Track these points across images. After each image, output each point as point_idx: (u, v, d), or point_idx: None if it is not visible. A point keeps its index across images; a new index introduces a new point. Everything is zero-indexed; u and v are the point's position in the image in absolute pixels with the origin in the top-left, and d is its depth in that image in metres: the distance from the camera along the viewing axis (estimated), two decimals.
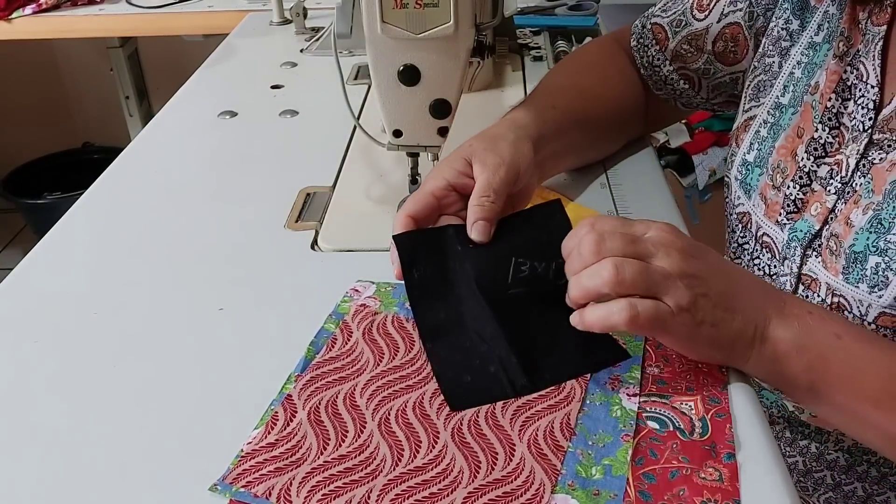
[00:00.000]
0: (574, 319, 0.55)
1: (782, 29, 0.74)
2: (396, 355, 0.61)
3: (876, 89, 0.63)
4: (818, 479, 0.72)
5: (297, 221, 0.80)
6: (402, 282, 0.66)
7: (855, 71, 0.65)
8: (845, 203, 0.64)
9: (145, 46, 2.23)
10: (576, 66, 0.89)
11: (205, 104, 1.09)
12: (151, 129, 1.05)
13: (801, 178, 0.68)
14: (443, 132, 0.74)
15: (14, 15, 1.65)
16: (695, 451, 0.51)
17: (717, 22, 0.80)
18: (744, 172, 0.75)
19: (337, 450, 0.52)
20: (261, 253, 0.76)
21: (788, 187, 0.69)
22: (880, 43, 0.63)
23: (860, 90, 0.64)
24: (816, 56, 0.70)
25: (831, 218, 0.65)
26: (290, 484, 0.50)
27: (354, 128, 0.97)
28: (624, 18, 0.98)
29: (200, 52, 1.38)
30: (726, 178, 0.79)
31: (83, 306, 0.69)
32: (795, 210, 0.68)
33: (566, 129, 0.77)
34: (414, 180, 0.80)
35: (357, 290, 0.68)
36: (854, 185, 0.64)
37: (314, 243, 0.77)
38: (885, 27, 0.64)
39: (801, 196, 0.68)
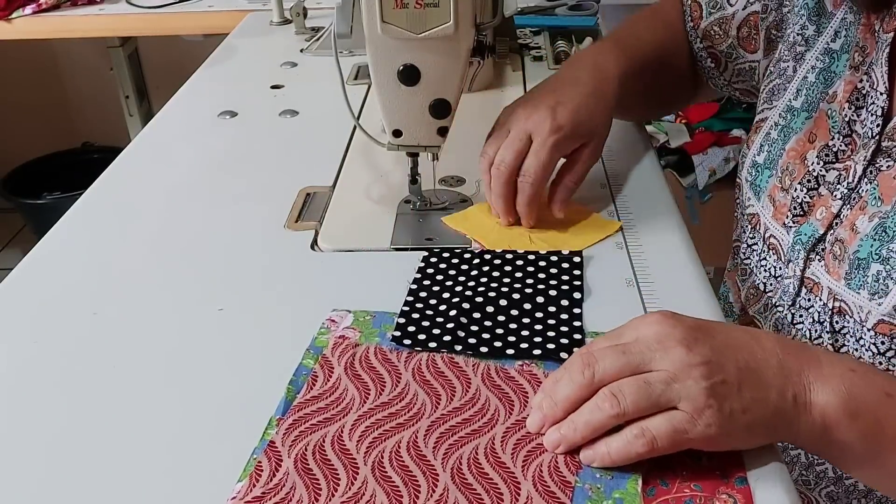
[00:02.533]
0: (587, 456, 0.50)
1: (798, 34, 0.75)
2: (383, 391, 0.57)
3: (884, 96, 0.63)
4: (820, 472, 0.72)
5: (297, 221, 0.80)
6: (382, 310, 0.65)
7: (868, 78, 0.65)
8: (851, 209, 0.64)
9: (145, 46, 2.23)
10: (654, 21, 0.91)
11: (205, 104, 1.09)
12: (151, 129, 1.05)
13: (808, 181, 0.68)
14: (443, 132, 0.74)
15: (14, 15, 1.65)
16: (705, 477, 0.49)
17: (743, 9, 0.82)
18: (753, 174, 0.75)
19: (330, 500, 0.48)
20: (261, 253, 0.76)
21: (796, 190, 0.69)
22: (887, 49, 0.63)
23: (871, 97, 0.64)
24: (834, 64, 0.70)
25: (836, 223, 0.65)
26: None
27: (354, 128, 0.97)
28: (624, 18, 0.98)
29: (200, 52, 1.38)
30: (738, 180, 0.80)
31: (83, 306, 0.69)
32: (801, 213, 0.68)
33: (644, 80, 0.83)
34: (414, 180, 0.80)
35: (333, 321, 0.64)
36: (860, 191, 0.64)
37: (314, 243, 0.77)
38: (892, 34, 0.63)
39: (807, 200, 0.68)
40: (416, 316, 0.64)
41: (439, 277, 0.69)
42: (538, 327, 0.62)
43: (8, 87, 2.53)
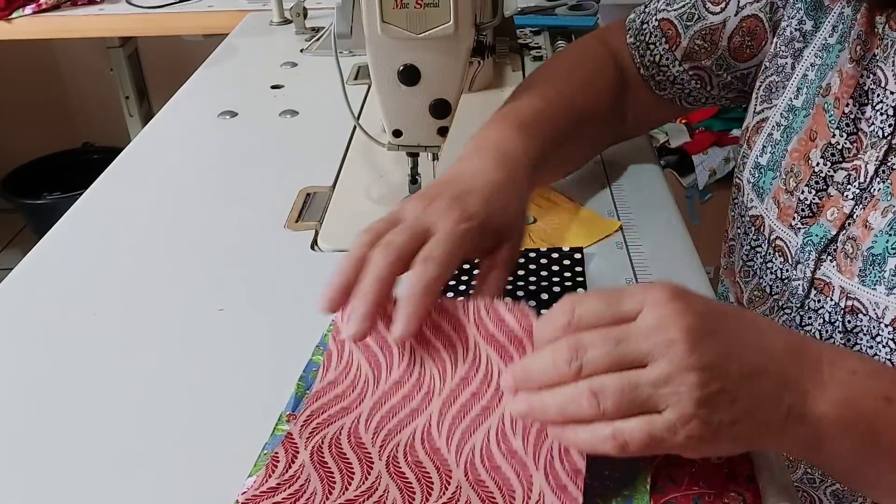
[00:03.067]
0: (554, 433, 0.47)
1: (795, 29, 0.73)
2: (392, 366, 0.55)
3: (895, 95, 0.63)
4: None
5: (297, 221, 0.80)
6: None
7: (872, 75, 0.64)
8: (864, 208, 0.63)
9: (145, 46, 2.23)
10: (567, 75, 0.83)
11: (205, 104, 1.09)
12: (151, 129, 1.05)
13: (816, 182, 0.67)
14: (443, 132, 0.74)
15: (14, 15, 1.65)
16: (714, 474, 0.49)
17: (735, 15, 0.78)
18: (756, 175, 0.74)
19: (343, 494, 0.48)
20: (261, 253, 0.76)
21: (803, 192, 0.68)
22: None
23: (878, 95, 0.64)
24: (829, 57, 0.69)
25: (848, 223, 0.64)
26: None
27: (354, 128, 0.97)
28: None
29: (200, 52, 1.38)
30: (737, 181, 0.79)
31: (83, 306, 0.69)
32: (811, 214, 0.68)
33: (559, 149, 0.74)
34: (414, 180, 0.80)
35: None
36: (873, 190, 0.63)
37: (314, 243, 0.77)
38: None
39: (816, 200, 0.67)
40: None
41: None
42: None
43: (8, 87, 2.53)
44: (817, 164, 0.67)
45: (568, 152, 0.78)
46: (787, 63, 0.74)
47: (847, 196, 0.65)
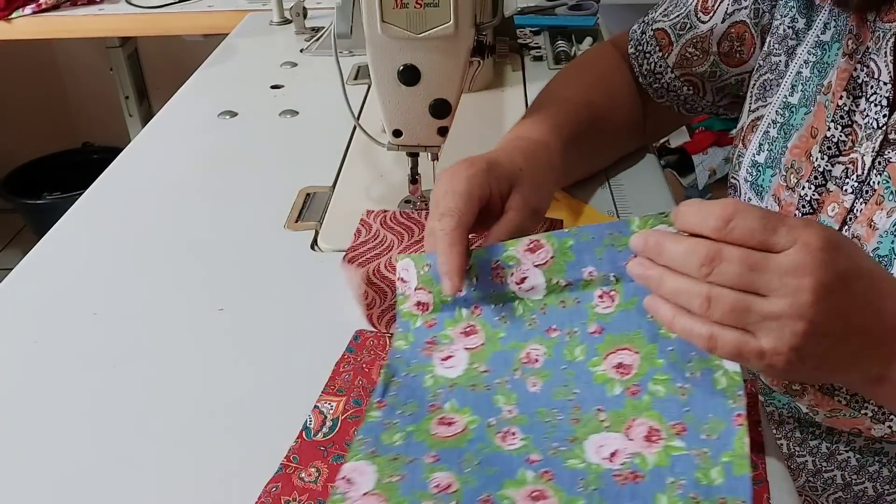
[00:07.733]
0: (651, 302, 0.50)
1: (788, 27, 0.74)
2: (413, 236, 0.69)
3: (889, 86, 0.63)
4: (828, 479, 0.72)
5: (297, 221, 0.80)
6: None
7: (865, 68, 0.65)
8: (865, 203, 0.63)
9: (145, 46, 2.23)
10: (583, 76, 0.87)
11: (205, 104, 1.10)
12: (151, 129, 1.05)
13: (815, 178, 0.67)
14: (443, 132, 0.74)
15: (14, 15, 1.65)
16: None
17: (722, 22, 0.80)
18: (754, 174, 0.74)
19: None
20: (261, 253, 0.76)
21: (803, 188, 0.68)
22: (892, 39, 0.63)
23: (872, 87, 0.64)
24: (826, 55, 0.70)
25: (850, 218, 0.64)
26: None
27: (354, 128, 0.97)
28: (624, 18, 0.98)
29: (200, 52, 1.38)
30: (732, 180, 0.79)
31: (83, 306, 0.69)
32: (811, 211, 0.68)
33: (579, 145, 0.77)
34: (414, 180, 0.80)
35: (403, 280, 0.62)
36: (872, 183, 0.63)
37: (314, 243, 0.77)
38: (895, 24, 0.63)
39: (816, 196, 0.67)
40: None
41: None
42: None
43: (8, 87, 2.53)
44: (816, 160, 0.67)
45: (588, 148, 0.80)
46: (780, 61, 0.74)
47: (846, 190, 0.65)
